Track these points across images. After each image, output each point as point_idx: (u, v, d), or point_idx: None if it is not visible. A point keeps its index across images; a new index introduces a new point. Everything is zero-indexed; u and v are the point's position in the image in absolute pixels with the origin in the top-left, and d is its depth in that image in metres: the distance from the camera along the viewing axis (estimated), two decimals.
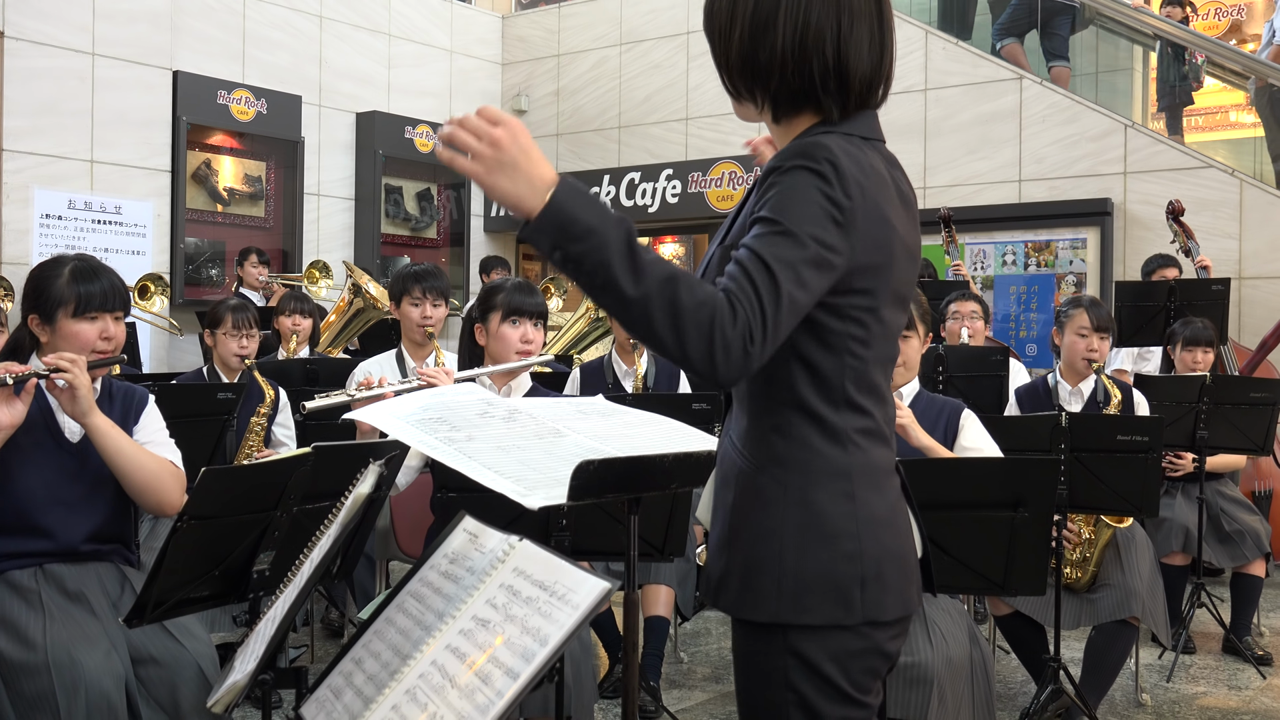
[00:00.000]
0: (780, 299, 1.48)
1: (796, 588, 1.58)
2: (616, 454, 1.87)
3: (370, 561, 4.43)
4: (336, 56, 9.52)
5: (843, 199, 1.53)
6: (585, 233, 1.44)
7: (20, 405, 2.53)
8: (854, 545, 1.58)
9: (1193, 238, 6.52)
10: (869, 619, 1.59)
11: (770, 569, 1.59)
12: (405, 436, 2.04)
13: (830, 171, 1.53)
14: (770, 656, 1.60)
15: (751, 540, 1.62)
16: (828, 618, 1.57)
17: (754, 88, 1.67)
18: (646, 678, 4.02)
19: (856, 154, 1.59)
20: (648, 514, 3.04)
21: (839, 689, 1.58)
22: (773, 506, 1.61)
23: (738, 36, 1.64)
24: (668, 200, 9.53)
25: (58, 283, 2.70)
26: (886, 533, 1.62)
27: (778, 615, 1.59)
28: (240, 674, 2.04)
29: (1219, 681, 4.57)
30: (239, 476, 2.39)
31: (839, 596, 1.57)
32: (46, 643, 2.46)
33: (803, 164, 1.55)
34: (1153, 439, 3.70)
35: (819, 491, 1.59)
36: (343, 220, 9.61)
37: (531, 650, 1.53)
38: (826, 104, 1.64)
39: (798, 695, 1.59)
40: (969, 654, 2.89)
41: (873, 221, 1.57)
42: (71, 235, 7.75)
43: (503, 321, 3.37)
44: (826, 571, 1.58)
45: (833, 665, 1.58)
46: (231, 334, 4.51)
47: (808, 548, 1.58)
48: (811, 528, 1.58)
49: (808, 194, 1.53)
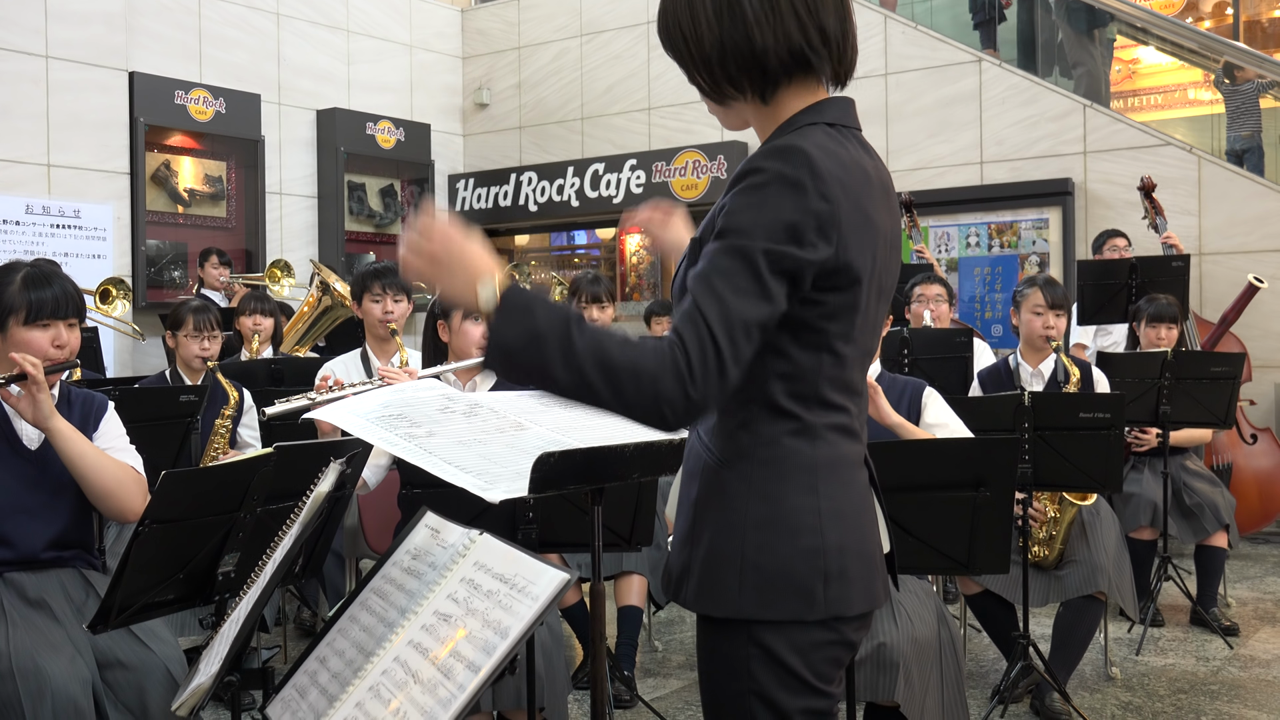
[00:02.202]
0: (730, 331, 1.47)
1: (759, 582, 1.57)
2: (577, 445, 1.88)
3: (340, 560, 4.42)
4: (295, 54, 9.45)
5: (820, 204, 1.51)
6: (524, 354, 1.50)
7: None
8: (817, 540, 1.57)
9: (1162, 214, 6.59)
10: (833, 614, 1.58)
11: (732, 564, 1.58)
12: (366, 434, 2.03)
13: (807, 177, 1.51)
14: (733, 650, 1.60)
15: (714, 535, 1.60)
16: (790, 613, 1.56)
17: (738, 72, 1.63)
18: (621, 667, 4.03)
19: (837, 150, 1.57)
20: (613, 504, 3.05)
21: (802, 680, 1.58)
22: (735, 501, 1.59)
23: (705, 28, 1.62)
24: (632, 190, 9.53)
25: (9, 290, 2.68)
26: (851, 527, 1.61)
27: (740, 610, 1.58)
28: (204, 676, 2.04)
29: (1187, 653, 4.63)
30: (201, 479, 2.38)
31: (801, 592, 1.56)
32: (9, 650, 2.44)
33: (778, 170, 1.52)
34: (1114, 416, 3.74)
35: (782, 486, 1.58)
36: (306, 218, 9.55)
37: (492, 643, 1.54)
38: (815, 61, 1.62)
39: (759, 688, 1.58)
40: (936, 634, 2.91)
41: (855, 219, 1.55)
42: (30, 240, 7.66)
43: (465, 318, 3.37)
44: (788, 567, 1.56)
45: (796, 657, 1.58)
46: (193, 336, 4.48)
47: (770, 543, 1.57)
48: (774, 523, 1.57)
49: (778, 203, 1.51)
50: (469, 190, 10.46)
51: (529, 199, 10.10)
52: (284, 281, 7.72)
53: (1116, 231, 6.65)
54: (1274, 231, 7.19)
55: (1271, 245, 7.18)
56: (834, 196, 1.52)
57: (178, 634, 3.49)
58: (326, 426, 3.54)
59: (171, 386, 4.43)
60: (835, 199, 1.52)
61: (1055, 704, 3.81)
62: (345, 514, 3.31)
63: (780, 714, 1.58)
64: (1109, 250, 6.54)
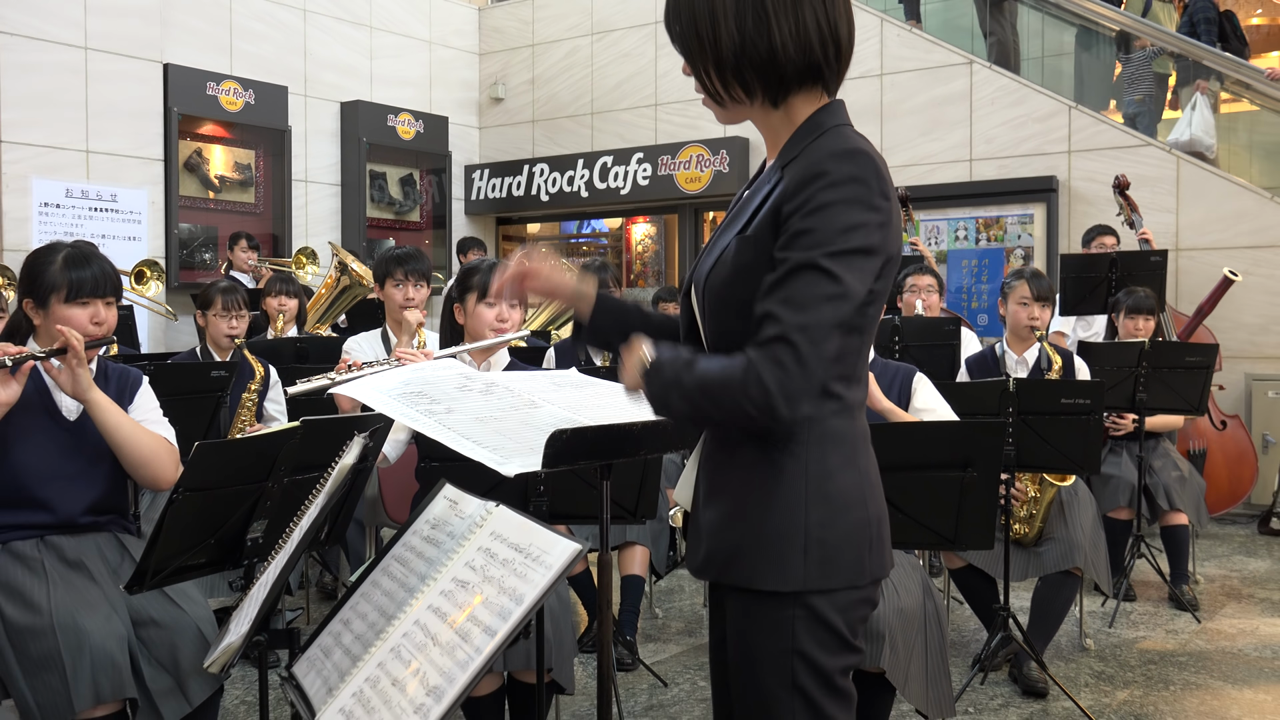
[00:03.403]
0: (814, 338, 1.50)
1: (822, 556, 1.57)
2: (588, 423, 1.87)
3: (361, 528, 4.44)
4: (320, 48, 9.42)
5: (882, 201, 1.54)
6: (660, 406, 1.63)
7: (15, 385, 2.52)
8: (863, 512, 1.60)
9: (1136, 210, 6.57)
10: (874, 577, 1.62)
11: (794, 540, 1.57)
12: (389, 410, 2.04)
13: (874, 178, 1.54)
14: (777, 613, 1.59)
15: (772, 514, 1.59)
16: (846, 580, 1.59)
17: (753, 76, 1.62)
18: (623, 633, 4.04)
19: (870, 150, 1.59)
20: (620, 479, 3.06)
21: (841, 638, 1.60)
22: (793, 480, 1.58)
23: (725, 32, 1.60)
24: (639, 182, 9.51)
25: (51, 269, 2.68)
26: (879, 495, 1.65)
27: (805, 583, 1.57)
28: (235, 636, 2.05)
29: (1157, 626, 4.64)
30: (232, 449, 2.38)
31: (855, 561, 1.59)
32: (51, 607, 2.45)
33: (851, 173, 1.53)
34: (1094, 402, 3.73)
35: (832, 463, 1.59)
36: (329, 205, 9.54)
37: (508, 609, 1.54)
38: (827, 73, 1.63)
39: (801, 647, 1.59)
40: (922, 605, 2.91)
41: (895, 213, 1.58)
42: (69, 222, 7.66)
43: (479, 301, 3.36)
44: (846, 539, 1.58)
45: (838, 616, 1.60)
46: (221, 315, 4.48)
47: (829, 518, 1.58)
48: (831, 498, 1.58)
49: (853, 206, 1.51)
50: (484, 180, 10.43)
51: (541, 189, 10.08)
52: (309, 268, 7.80)
53: (1107, 228, 6.63)
54: (1247, 229, 7.17)
55: (1245, 242, 7.16)
56: (889, 194, 1.55)
57: (208, 595, 3.51)
58: (346, 404, 3.55)
59: (202, 362, 4.43)
60: (890, 196, 1.55)
61: (1032, 672, 3.82)
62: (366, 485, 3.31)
63: (819, 671, 1.60)
64: (1096, 246, 6.52)
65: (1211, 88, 8.13)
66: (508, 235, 11.05)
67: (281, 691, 2.00)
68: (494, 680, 2.95)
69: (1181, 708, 3.71)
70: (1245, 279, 6.80)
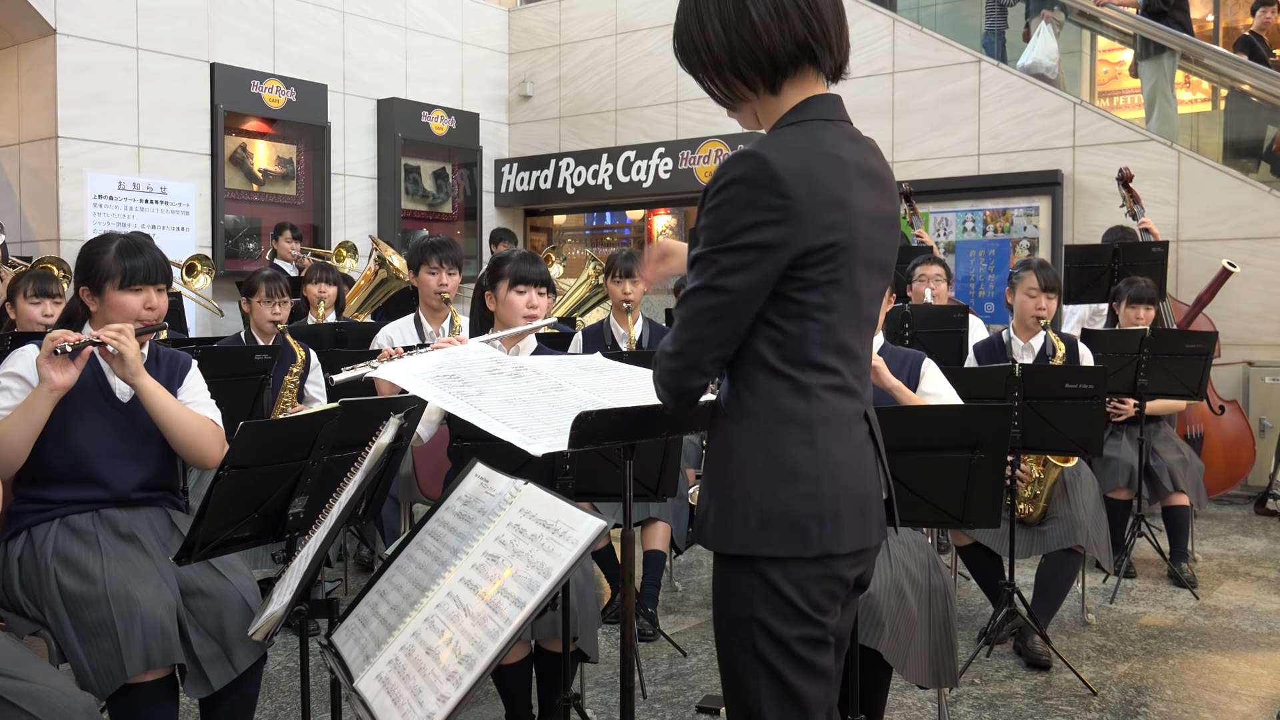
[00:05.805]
0: (698, 325, 1.59)
1: (761, 523, 1.59)
2: (613, 405, 1.87)
3: (396, 503, 4.45)
4: (358, 48, 9.43)
5: (775, 199, 1.53)
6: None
7: (74, 369, 2.53)
8: (813, 486, 1.60)
9: (1139, 202, 6.50)
10: (826, 552, 1.60)
11: (740, 507, 1.61)
12: (423, 392, 2.04)
13: (764, 178, 1.53)
14: (740, 581, 1.62)
15: (726, 482, 1.63)
16: (789, 550, 1.59)
17: (749, 69, 1.63)
18: (645, 605, 4.04)
19: (804, 145, 1.58)
20: (642, 459, 3.05)
21: (797, 609, 1.60)
22: (743, 452, 1.62)
23: (713, 35, 1.63)
24: (660, 176, 9.48)
25: (105, 258, 2.69)
26: (846, 475, 1.62)
27: (746, 547, 1.60)
28: (278, 605, 2.05)
29: (1156, 602, 4.61)
30: (274, 429, 2.38)
31: (799, 531, 1.59)
32: (104, 576, 2.46)
33: (735, 177, 1.55)
34: (1097, 387, 3.70)
35: (782, 439, 1.60)
36: (367, 198, 9.56)
37: (536, 582, 1.54)
38: (818, 49, 1.63)
39: (759, 616, 1.61)
40: (929, 580, 2.89)
41: (821, 207, 1.56)
42: (122, 214, 7.71)
43: (510, 289, 3.36)
44: (787, 509, 1.59)
45: (793, 589, 1.60)
46: (265, 301, 4.50)
47: (771, 488, 1.59)
48: (775, 470, 1.60)
49: (736, 208, 1.55)
50: (513, 174, 10.42)
51: (567, 182, 10.07)
52: (348, 260, 7.88)
53: (1127, 232, 6.55)
54: (1246, 221, 7.08)
55: (1243, 234, 7.07)
56: (791, 191, 1.53)
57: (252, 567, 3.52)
58: (385, 387, 3.55)
59: (246, 346, 4.44)
60: (793, 194, 1.53)
61: (1036, 646, 3.80)
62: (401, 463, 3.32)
63: (776, 638, 1.61)
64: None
65: (1056, 17, 8.57)
66: (535, 226, 11.04)
67: (321, 658, 2.01)
68: (522, 649, 2.96)
69: (1180, 680, 3.68)
70: (1243, 270, 6.72)
